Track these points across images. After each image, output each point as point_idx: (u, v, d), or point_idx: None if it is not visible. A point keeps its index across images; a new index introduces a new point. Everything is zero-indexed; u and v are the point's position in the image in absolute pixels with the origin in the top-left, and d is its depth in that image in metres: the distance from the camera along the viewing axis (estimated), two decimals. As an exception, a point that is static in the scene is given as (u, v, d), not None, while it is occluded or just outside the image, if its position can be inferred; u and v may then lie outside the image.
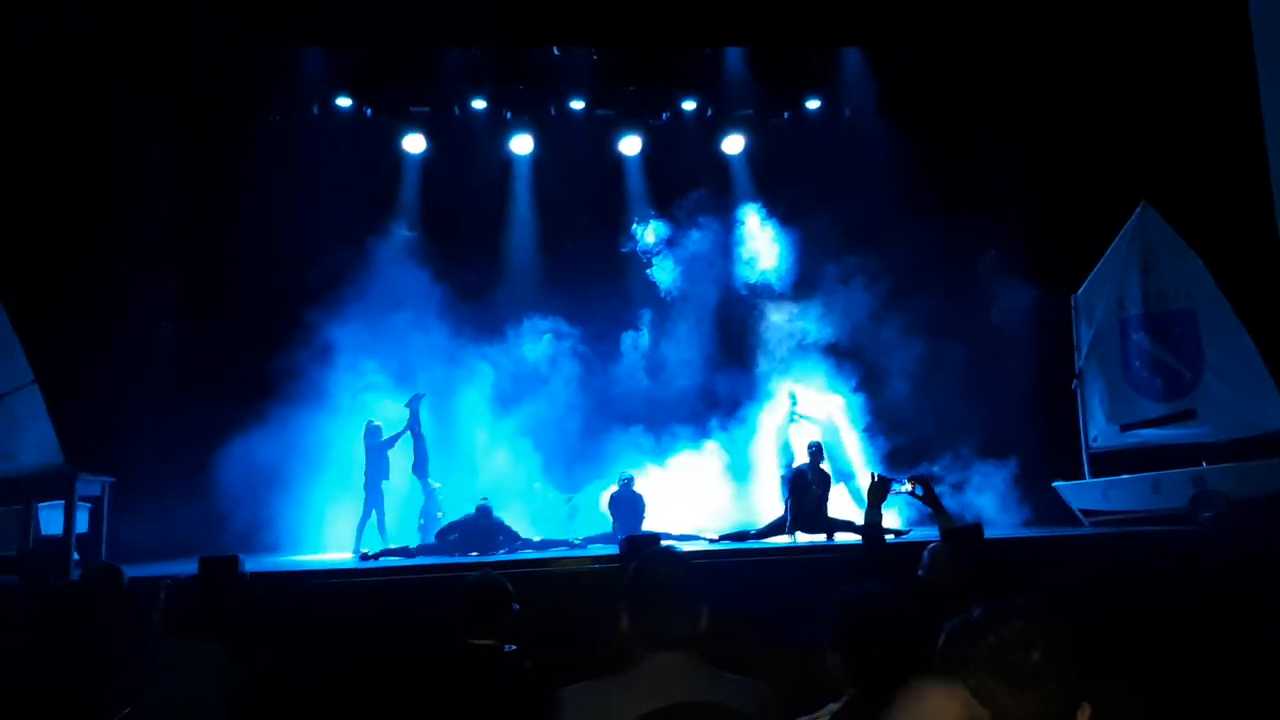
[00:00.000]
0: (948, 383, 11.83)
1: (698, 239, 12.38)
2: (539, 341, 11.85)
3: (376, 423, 10.15)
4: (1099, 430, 11.10)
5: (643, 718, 2.13)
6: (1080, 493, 10.87)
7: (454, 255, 11.82)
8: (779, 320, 12.19)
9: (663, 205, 12.62)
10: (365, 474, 9.90)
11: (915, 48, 11.99)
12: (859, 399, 11.56)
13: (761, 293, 12.38)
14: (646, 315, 12.37)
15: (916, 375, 11.66)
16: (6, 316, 9.23)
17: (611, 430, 11.42)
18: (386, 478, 10.01)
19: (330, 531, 10.32)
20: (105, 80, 10.29)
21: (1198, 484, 9.65)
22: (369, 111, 12.61)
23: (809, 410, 11.06)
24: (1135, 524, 9.94)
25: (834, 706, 2.45)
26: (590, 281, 12.06)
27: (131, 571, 5.05)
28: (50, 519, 8.15)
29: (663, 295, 12.37)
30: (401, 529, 10.27)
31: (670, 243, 12.38)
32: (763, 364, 12.05)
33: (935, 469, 11.05)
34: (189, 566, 6.59)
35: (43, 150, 9.99)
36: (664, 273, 12.35)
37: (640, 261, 12.39)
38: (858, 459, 11.26)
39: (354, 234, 11.32)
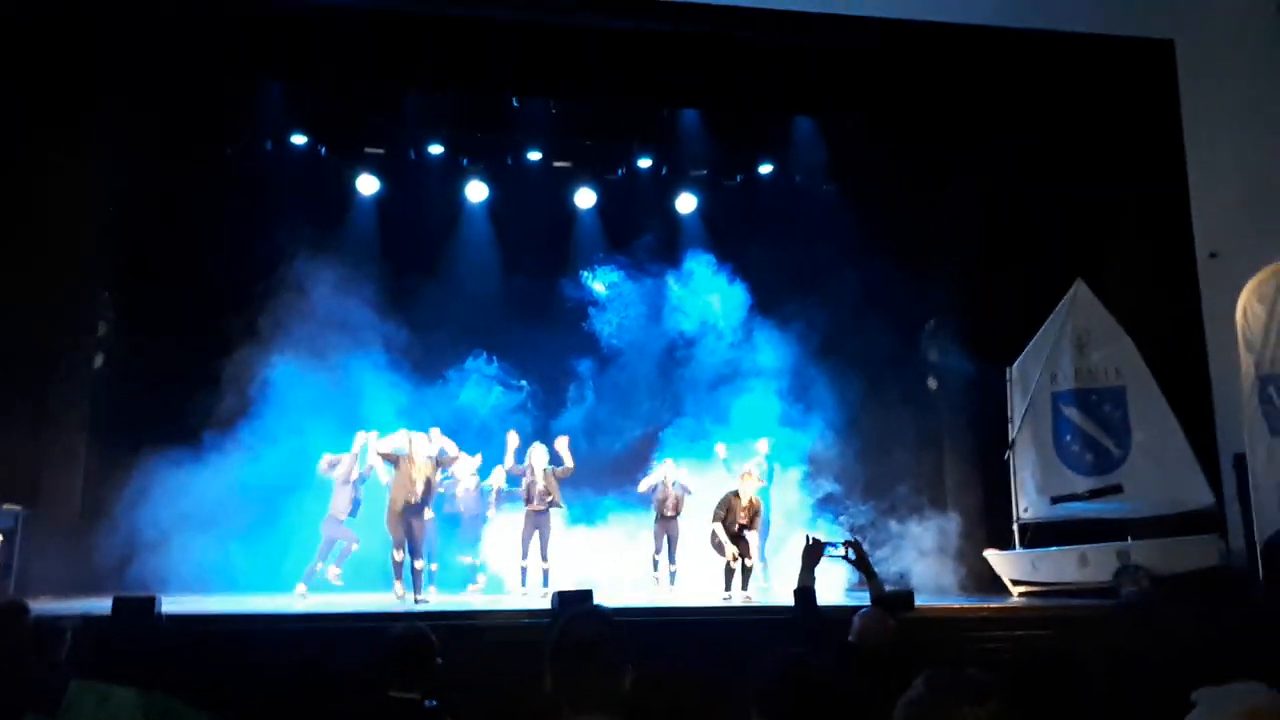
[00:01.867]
0: (885, 446, 12.01)
1: (646, 291, 12.49)
2: (482, 389, 11.76)
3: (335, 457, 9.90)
4: (1029, 501, 11.30)
5: (562, 781, 2.09)
6: (1010, 563, 11.02)
7: (402, 298, 11.76)
8: (721, 377, 12.22)
9: (614, 258, 12.71)
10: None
11: (864, 119, 12.34)
12: (795, 450, 11.56)
13: (704, 345, 12.43)
14: (589, 366, 12.35)
15: (853, 436, 11.80)
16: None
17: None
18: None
19: (253, 573, 10.03)
20: (51, 93, 10.11)
21: (1122, 558, 9.87)
22: (323, 150, 12.56)
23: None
24: (1062, 595, 10.10)
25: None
26: (537, 329, 12.09)
27: (45, 607, 4.86)
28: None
29: (606, 346, 12.39)
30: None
31: (618, 294, 12.45)
32: (697, 415, 12.03)
33: (864, 521, 11.16)
34: (105, 604, 6.36)
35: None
36: (610, 323, 12.38)
37: (588, 311, 12.40)
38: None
39: (299, 272, 11.16)
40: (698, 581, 10.42)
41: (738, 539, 9.65)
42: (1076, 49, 10.83)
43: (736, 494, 9.75)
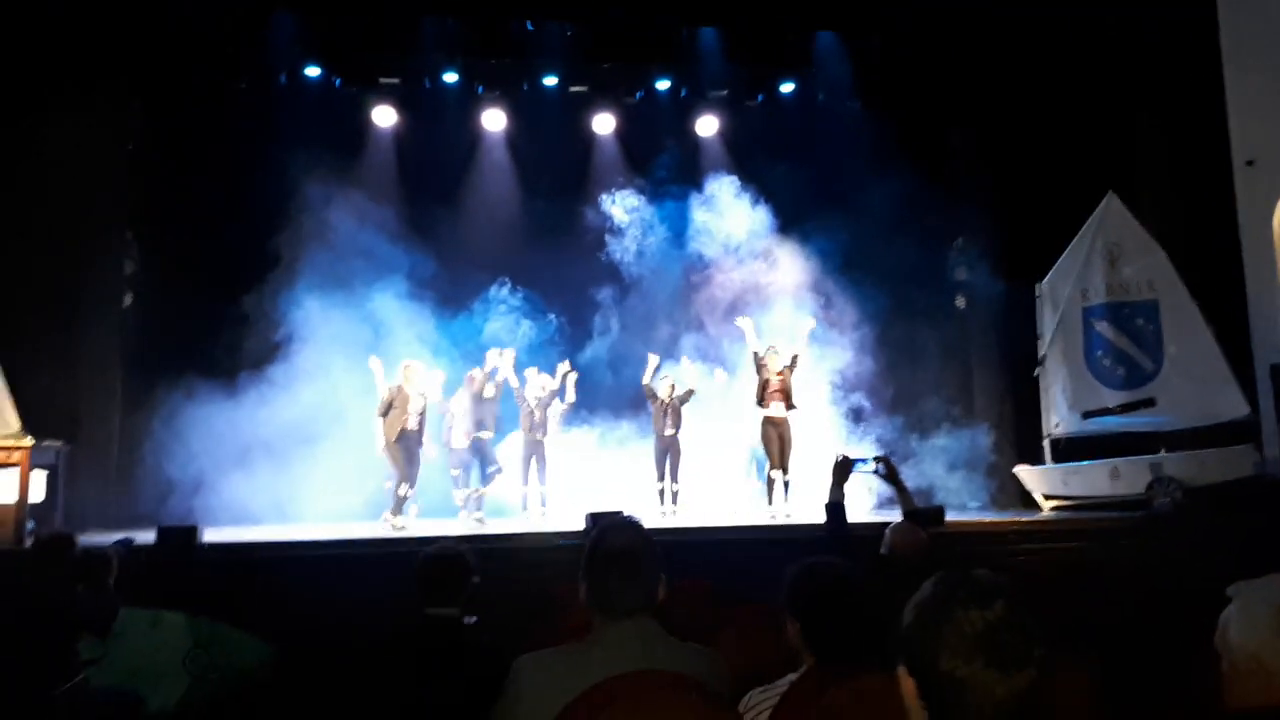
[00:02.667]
0: (913, 363, 11.94)
1: (667, 214, 12.36)
2: (509, 320, 11.77)
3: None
4: (1060, 417, 11.25)
5: (599, 685, 2.13)
6: (1041, 478, 11.03)
7: (423, 228, 11.72)
8: (745, 295, 12.11)
9: (634, 182, 12.55)
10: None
11: (890, 32, 12.02)
12: (822, 366, 11.47)
13: (727, 267, 12.30)
14: (612, 293, 12.29)
15: (881, 353, 11.72)
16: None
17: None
18: None
19: (295, 503, 10.22)
20: (67, 37, 10.05)
21: (1155, 471, 9.84)
22: (338, 81, 12.41)
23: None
24: (1094, 509, 10.12)
25: (792, 677, 2.46)
26: (560, 257, 12.01)
27: (89, 539, 4.98)
28: (4, 487, 8.01)
29: (629, 272, 12.30)
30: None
31: (639, 218, 12.32)
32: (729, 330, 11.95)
33: (892, 445, 11.14)
34: (148, 536, 6.51)
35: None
36: (632, 249, 12.28)
37: (610, 237, 12.30)
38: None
39: (321, 204, 11.15)
40: (703, 504, 10.44)
41: (776, 438, 9.62)
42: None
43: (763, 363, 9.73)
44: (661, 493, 10.14)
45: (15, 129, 9.84)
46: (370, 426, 9.60)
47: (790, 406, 9.71)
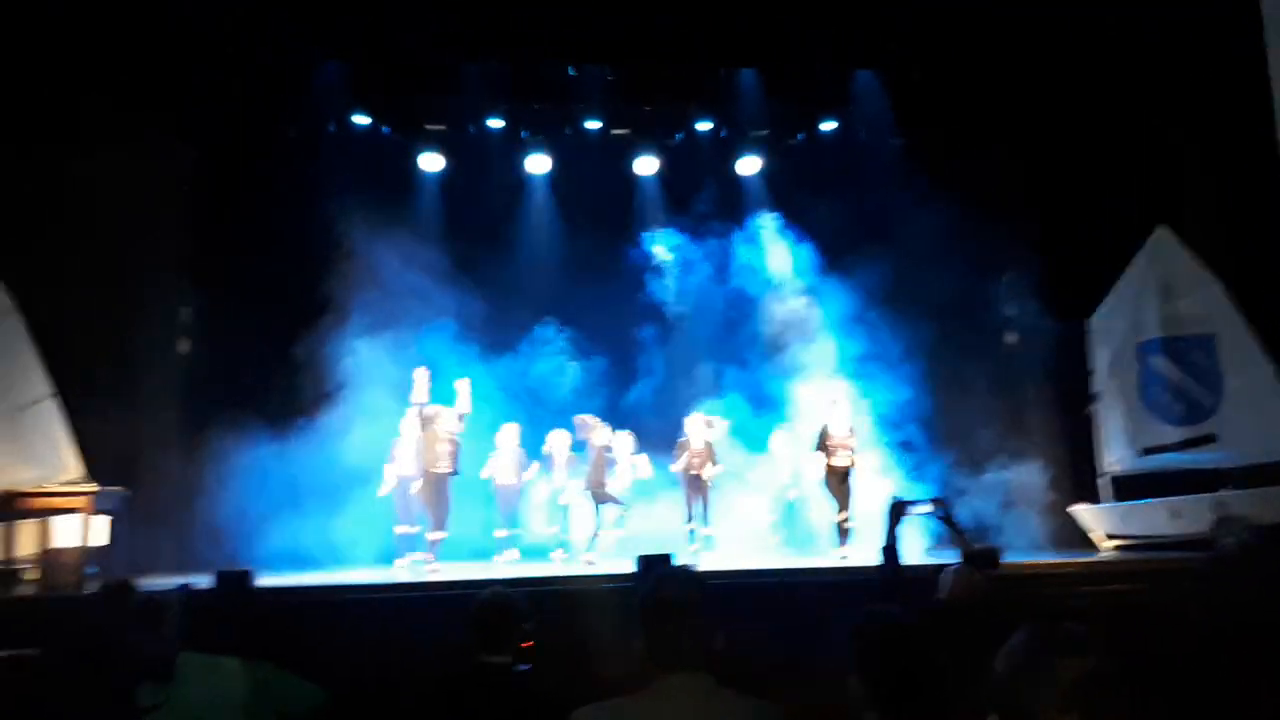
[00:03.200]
0: (964, 400, 11.78)
1: (710, 254, 12.47)
2: (555, 363, 11.86)
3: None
4: (1117, 454, 11.01)
5: (660, 739, 2.10)
6: (1098, 517, 10.78)
7: (470, 272, 11.88)
8: (789, 331, 12.09)
9: (677, 222, 12.66)
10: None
11: (929, 68, 12.02)
12: (874, 406, 11.40)
13: (774, 305, 12.31)
14: (656, 334, 12.34)
15: (931, 392, 11.58)
16: (26, 330, 9.32)
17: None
18: None
19: (344, 548, 10.31)
20: (123, 89, 10.38)
21: (1219, 509, 9.54)
22: (386, 129, 12.71)
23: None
24: (1154, 549, 9.85)
25: (853, 732, 2.42)
26: (604, 299, 12.12)
27: (148, 584, 5.06)
28: (69, 532, 8.19)
29: (673, 312, 12.37)
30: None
31: (683, 258, 12.43)
32: (774, 372, 11.89)
33: (944, 483, 10.98)
34: (205, 580, 6.60)
35: (60, 162, 10.08)
36: (677, 289, 12.36)
37: (654, 277, 12.38)
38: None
39: (370, 248, 11.36)
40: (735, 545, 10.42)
41: (840, 484, 9.63)
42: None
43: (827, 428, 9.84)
44: (692, 534, 10.19)
45: (75, 176, 10.14)
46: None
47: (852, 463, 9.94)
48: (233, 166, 11.51)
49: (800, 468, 10.69)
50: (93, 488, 8.22)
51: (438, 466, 9.21)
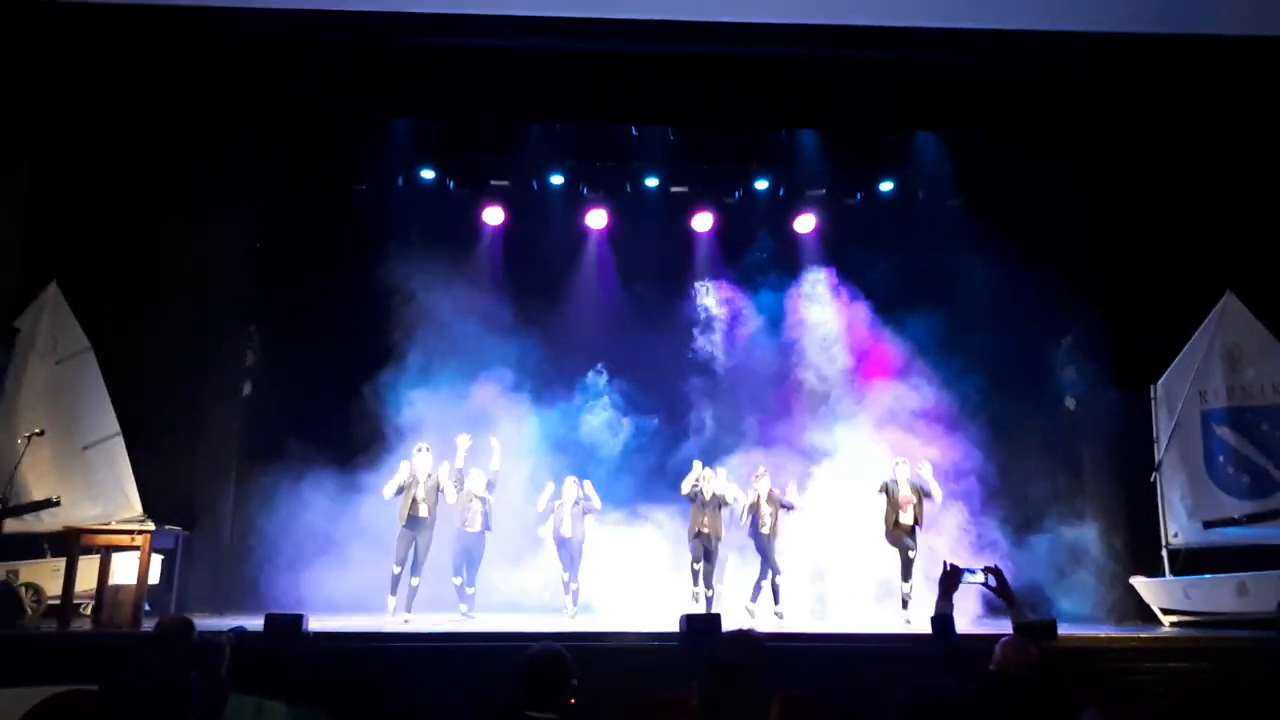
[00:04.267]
0: (1022, 467, 11.56)
1: (766, 311, 12.54)
2: (611, 420, 11.94)
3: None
4: (1180, 526, 10.69)
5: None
6: (1160, 591, 10.44)
7: (530, 322, 12.08)
8: (846, 396, 12.01)
9: (732, 278, 12.74)
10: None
11: (990, 131, 12.02)
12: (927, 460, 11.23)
13: (830, 368, 12.26)
14: (711, 390, 12.35)
15: (988, 457, 11.37)
16: (98, 369, 9.65)
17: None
18: None
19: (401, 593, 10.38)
20: (198, 143, 10.81)
21: (1288, 588, 9.19)
22: (451, 184, 13.05)
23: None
24: (1219, 626, 9.50)
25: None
26: (659, 354, 12.24)
27: (201, 624, 5.14)
28: (125, 568, 8.36)
29: (727, 369, 12.39)
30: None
31: (738, 315, 12.48)
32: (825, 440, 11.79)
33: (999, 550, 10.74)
34: (256, 622, 6.69)
35: (135, 206, 10.48)
36: (731, 346, 12.40)
37: (709, 334, 12.43)
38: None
39: (432, 299, 11.62)
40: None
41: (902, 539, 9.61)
42: (1218, 52, 10.25)
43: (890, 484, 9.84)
44: (695, 573, 10.10)
45: (149, 225, 10.54)
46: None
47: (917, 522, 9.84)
48: (302, 218, 11.85)
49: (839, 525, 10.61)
50: (151, 526, 8.40)
51: (473, 526, 9.64)
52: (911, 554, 9.69)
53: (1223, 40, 9.84)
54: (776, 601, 9.93)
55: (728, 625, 6.28)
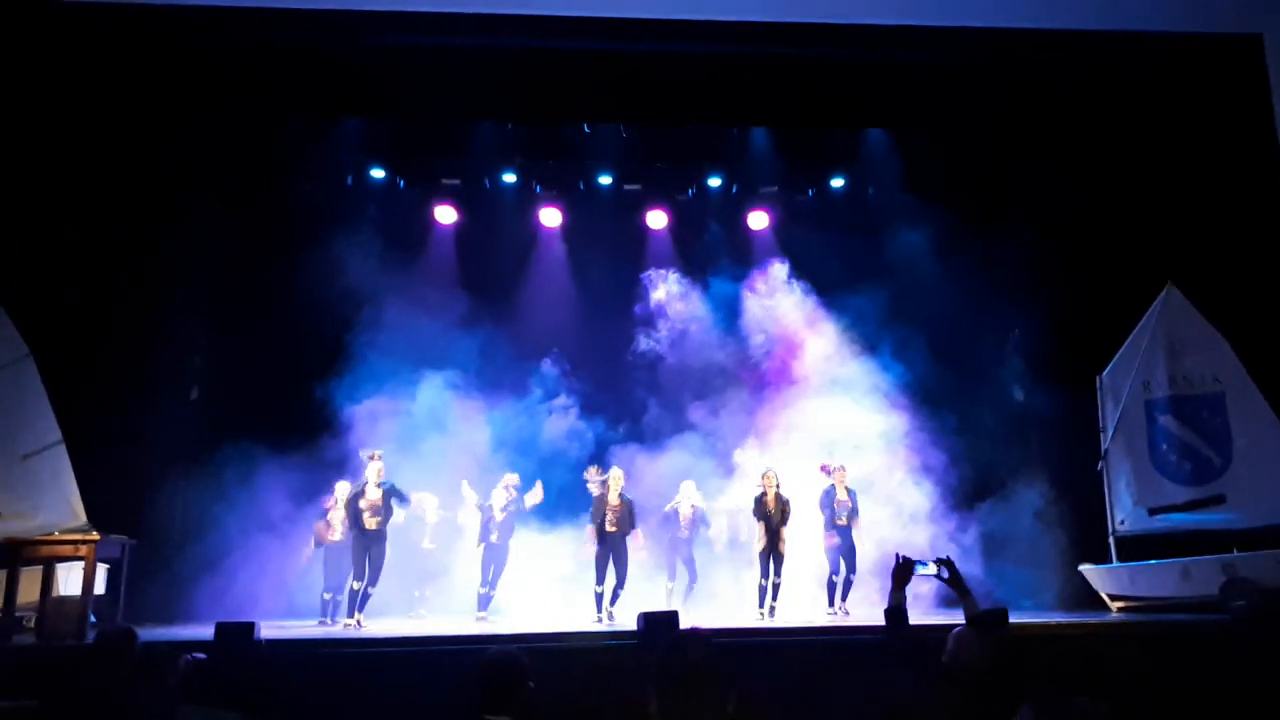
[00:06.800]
0: (971, 457, 11.73)
1: (720, 308, 12.60)
2: (563, 418, 11.90)
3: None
4: (1125, 513, 10.92)
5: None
6: (1107, 578, 10.67)
7: (483, 321, 12.00)
8: (797, 393, 12.10)
9: (687, 275, 12.78)
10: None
11: (938, 127, 12.18)
12: (877, 460, 11.36)
13: (781, 350, 12.35)
14: (666, 387, 12.35)
15: (936, 448, 11.53)
16: (38, 376, 9.39)
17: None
18: None
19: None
20: (147, 148, 10.60)
21: (1229, 571, 9.42)
22: (402, 182, 12.91)
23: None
24: (1164, 611, 9.73)
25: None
26: (613, 351, 12.31)
27: (149, 634, 5.04)
28: (69, 579, 8.16)
29: (681, 366, 12.41)
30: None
31: (692, 312, 12.51)
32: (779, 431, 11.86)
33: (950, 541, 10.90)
34: (205, 630, 6.57)
35: (81, 211, 10.24)
36: (685, 342, 12.42)
37: (664, 331, 12.44)
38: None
39: (384, 299, 11.54)
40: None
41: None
42: (1157, 48, 10.48)
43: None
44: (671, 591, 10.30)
45: (90, 228, 10.31)
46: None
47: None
48: (249, 218, 11.66)
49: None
50: (95, 536, 8.20)
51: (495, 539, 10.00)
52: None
53: (1159, 36, 10.09)
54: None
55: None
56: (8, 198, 9.72)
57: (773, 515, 9.87)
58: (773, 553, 9.82)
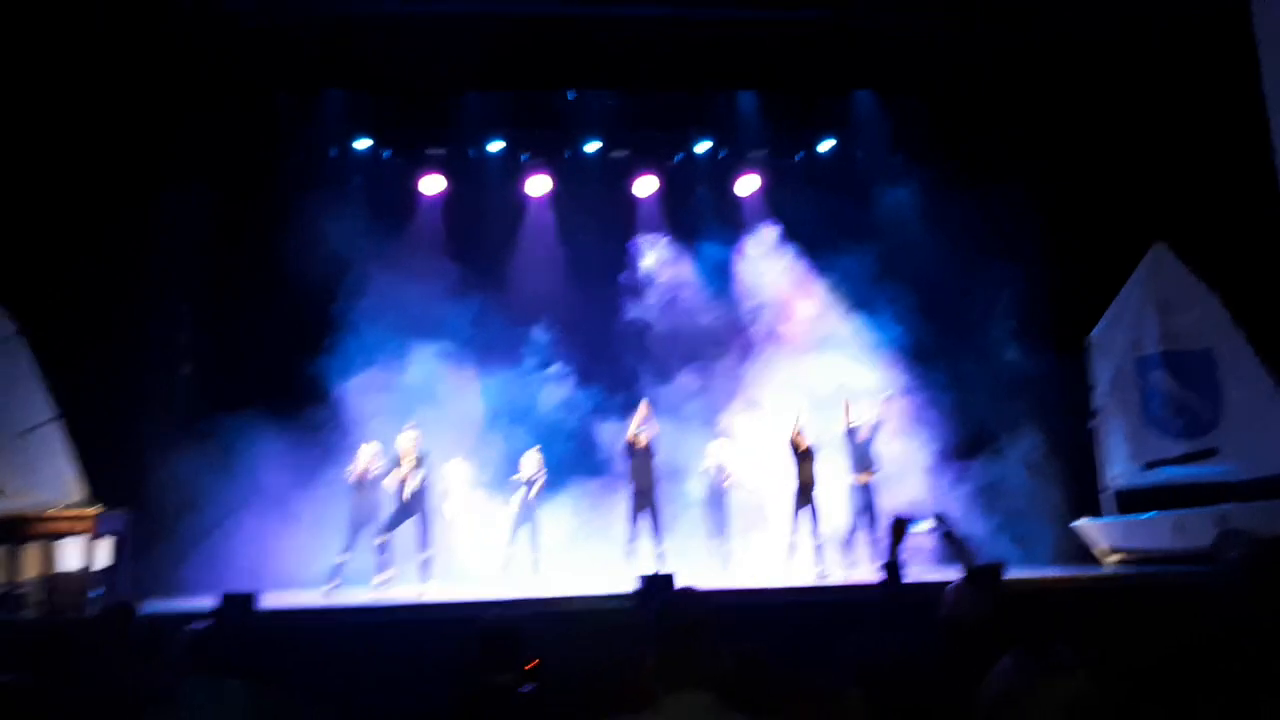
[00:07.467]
0: (966, 416, 11.79)
1: (710, 273, 12.62)
2: (553, 386, 11.94)
3: None
4: (1119, 468, 11.02)
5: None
6: (1102, 531, 10.77)
7: (472, 291, 11.96)
8: (790, 354, 12.13)
9: (676, 241, 12.76)
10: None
11: (928, 90, 12.12)
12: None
13: (772, 313, 12.36)
14: (658, 353, 12.36)
15: (931, 407, 11.60)
16: (30, 353, 9.36)
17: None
18: None
19: (354, 568, 10.30)
20: (132, 119, 10.49)
21: (1222, 523, 9.52)
22: (386, 153, 12.78)
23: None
24: (1157, 564, 9.84)
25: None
26: (603, 318, 12.35)
27: (152, 606, 5.06)
28: (72, 555, 8.19)
29: (673, 331, 12.42)
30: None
31: (682, 278, 12.51)
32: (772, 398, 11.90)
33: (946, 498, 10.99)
34: (208, 602, 6.61)
35: (67, 186, 10.16)
36: (676, 308, 12.42)
37: (655, 298, 12.43)
38: None
39: (372, 270, 11.50)
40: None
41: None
42: (1144, 6, 10.41)
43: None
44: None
45: (78, 205, 10.24)
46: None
47: None
48: (235, 192, 11.55)
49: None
50: (96, 510, 8.22)
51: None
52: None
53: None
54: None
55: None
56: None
57: (806, 459, 10.02)
58: (810, 505, 9.95)
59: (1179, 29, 10.43)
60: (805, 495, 9.95)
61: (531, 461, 10.26)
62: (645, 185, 13.19)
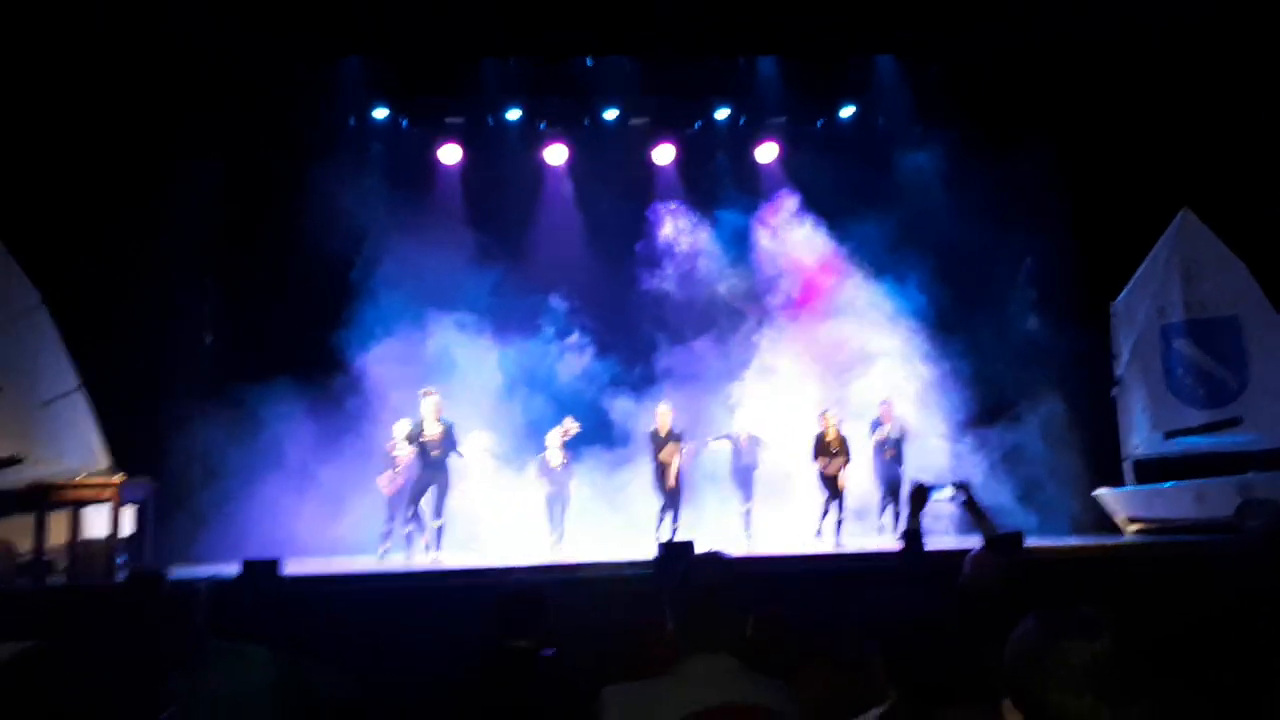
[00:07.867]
0: (987, 384, 11.73)
1: (729, 241, 12.54)
2: (573, 356, 11.96)
3: None
4: (1141, 437, 10.94)
5: (687, 718, 2.14)
6: (1123, 500, 10.72)
7: (491, 260, 11.96)
8: (809, 322, 12.09)
9: (695, 209, 12.68)
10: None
11: (949, 56, 11.93)
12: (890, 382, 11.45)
13: (791, 282, 12.35)
14: (674, 323, 12.32)
15: (954, 375, 11.56)
16: (54, 323, 9.44)
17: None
18: None
19: (367, 537, 10.41)
20: (151, 91, 10.49)
21: (1244, 492, 9.45)
22: (405, 122, 12.74)
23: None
24: (1179, 533, 9.79)
25: (876, 713, 2.43)
26: (622, 287, 12.29)
27: (176, 574, 5.13)
28: (97, 522, 8.30)
29: (691, 300, 12.38)
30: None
31: (701, 246, 12.44)
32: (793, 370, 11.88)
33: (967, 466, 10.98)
34: (231, 569, 6.69)
35: (89, 159, 10.20)
36: (694, 277, 12.37)
37: (673, 266, 12.38)
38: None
39: (391, 239, 11.51)
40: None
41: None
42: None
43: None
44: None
45: (100, 177, 10.27)
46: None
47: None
48: (254, 161, 11.55)
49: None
50: (120, 478, 8.32)
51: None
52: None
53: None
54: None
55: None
56: (11, 145, 9.67)
57: (836, 454, 10.18)
58: (834, 491, 10.19)
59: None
60: (833, 489, 10.22)
61: (556, 438, 10.35)
62: (664, 153, 13.10)
